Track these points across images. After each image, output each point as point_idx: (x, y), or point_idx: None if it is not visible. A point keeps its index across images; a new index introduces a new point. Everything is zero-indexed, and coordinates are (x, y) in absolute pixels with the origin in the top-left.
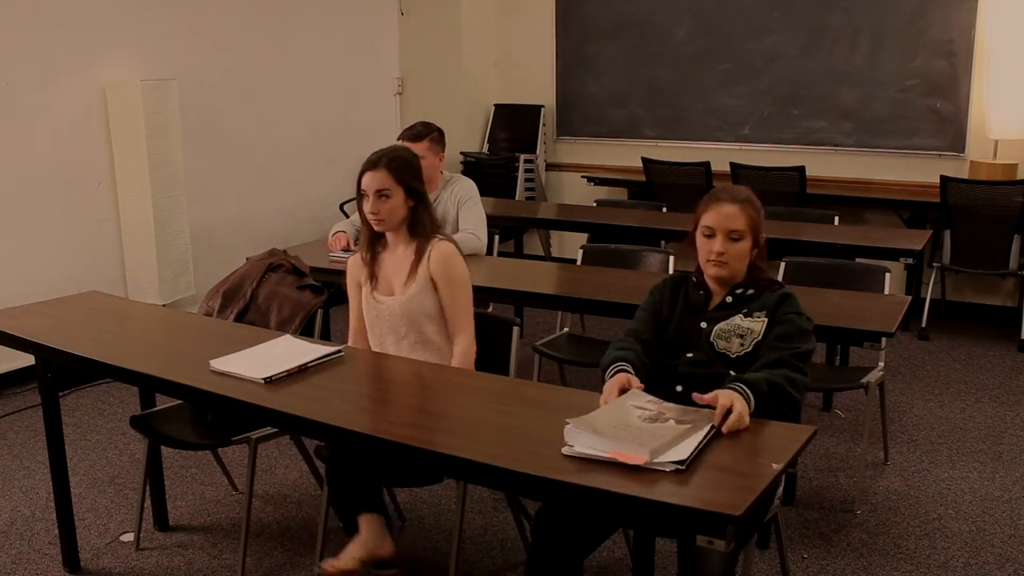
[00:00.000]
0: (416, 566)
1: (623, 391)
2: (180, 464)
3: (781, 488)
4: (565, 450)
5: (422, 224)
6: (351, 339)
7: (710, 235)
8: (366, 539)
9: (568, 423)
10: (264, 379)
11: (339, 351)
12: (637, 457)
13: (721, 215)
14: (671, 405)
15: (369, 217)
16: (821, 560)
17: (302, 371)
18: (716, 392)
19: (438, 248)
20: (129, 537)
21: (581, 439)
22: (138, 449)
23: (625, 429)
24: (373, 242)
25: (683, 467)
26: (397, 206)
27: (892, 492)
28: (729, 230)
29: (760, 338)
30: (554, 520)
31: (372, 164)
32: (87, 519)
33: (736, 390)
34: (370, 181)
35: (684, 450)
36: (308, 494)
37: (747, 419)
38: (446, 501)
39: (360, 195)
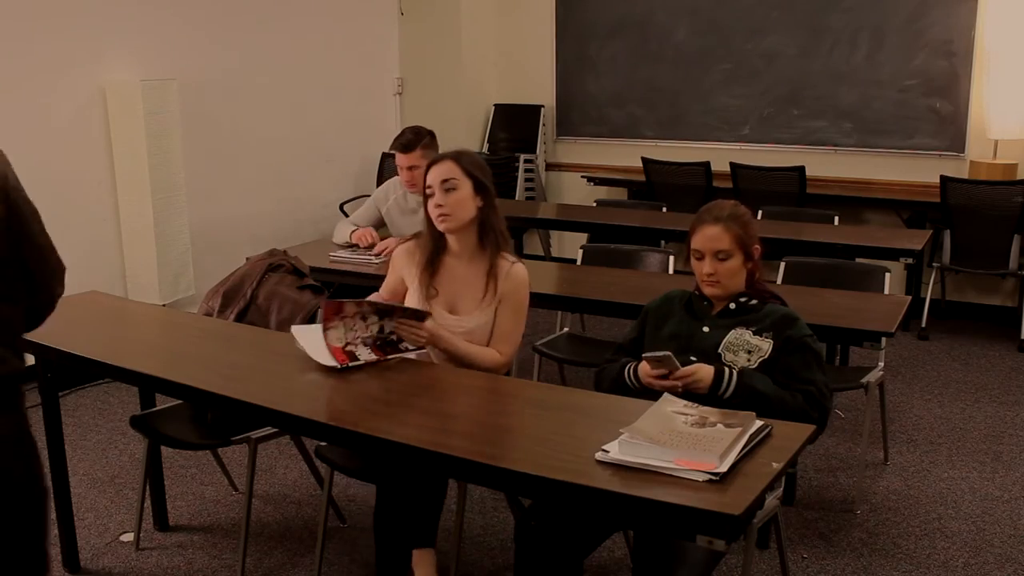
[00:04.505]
0: None
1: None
2: (180, 464)
3: (781, 488)
4: (599, 455)
5: (492, 231)
6: None
7: (699, 258)
8: None
9: (622, 433)
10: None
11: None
12: (707, 464)
13: (705, 237)
14: (708, 408)
15: (434, 213)
16: (821, 560)
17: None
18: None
19: (517, 271)
20: (129, 537)
21: (638, 450)
22: (138, 449)
23: (680, 437)
24: (436, 252)
25: (717, 478)
26: (465, 199)
27: (892, 492)
28: (715, 251)
29: (766, 357)
30: (551, 519)
31: (439, 158)
32: (87, 519)
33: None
34: (435, 173)
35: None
36: (308, 494)
37: (703, 385)
38: (446, 501)
39: (425, 196)
